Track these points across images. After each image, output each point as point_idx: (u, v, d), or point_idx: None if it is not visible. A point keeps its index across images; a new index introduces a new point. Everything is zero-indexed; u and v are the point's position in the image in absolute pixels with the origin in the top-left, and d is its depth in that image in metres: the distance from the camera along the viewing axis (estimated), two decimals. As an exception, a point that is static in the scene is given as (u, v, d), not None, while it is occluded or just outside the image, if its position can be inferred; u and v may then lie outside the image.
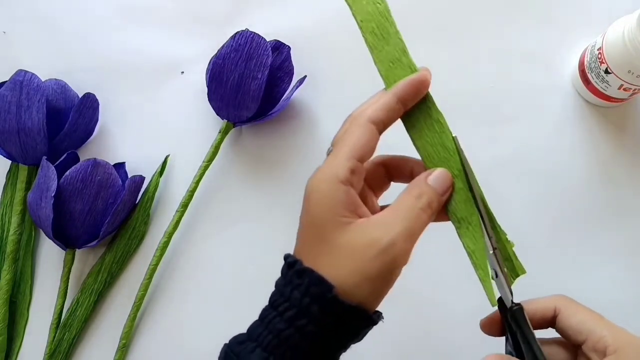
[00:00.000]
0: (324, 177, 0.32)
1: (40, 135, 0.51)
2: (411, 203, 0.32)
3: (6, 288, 0.52)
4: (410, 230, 0.31)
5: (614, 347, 0.32)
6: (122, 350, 0.51)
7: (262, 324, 0.32)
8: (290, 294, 0.31)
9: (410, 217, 0.31)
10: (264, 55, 0.51)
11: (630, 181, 0.54)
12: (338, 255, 0.31)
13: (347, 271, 0.30)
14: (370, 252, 0.30)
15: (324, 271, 0.30)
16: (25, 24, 0.60)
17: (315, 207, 0.32)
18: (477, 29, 0.58)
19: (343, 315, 0.30)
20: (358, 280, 0.30)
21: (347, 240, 0.31)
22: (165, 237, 0.52)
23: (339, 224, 0.31)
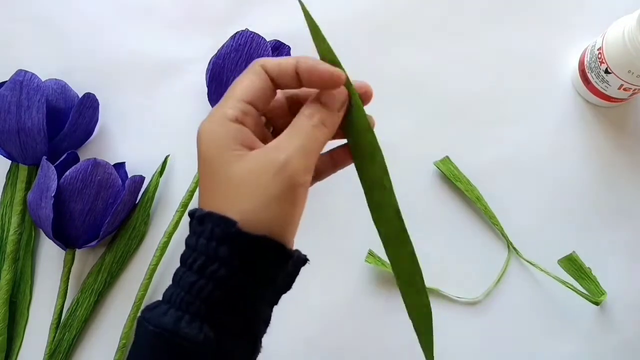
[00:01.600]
0: (212, 118, 0.31)
1: (40, 135, 0.51)
2: (303, 122, 0.31)
3: (6, 288, 0.52)
4: (305, 147, 0.30)
5: None
6: (122, 350, 0.51)
7: (174, 284, 0.30)
8: (196, 243, 0.30)
9: (303, 135, 0.30)
10: (264, 55, 0.51)
11: (630, 181, 0.54)
12: (234, 187, 0.29)
13: (245, 200, 0.29)
14: (266, 174, 0.29)
15: (224, 209, 0.29)
16: (25, 24, 0.60)
17: (205, 146, 0.31)
18: (477, 29, 0.58)
19: (252, 250, 0.29)
20: (258, 205, 0.29)
21: (241, 170, 0.29)
22: (165, 237, 0.52)
23: (230, 157, 0.30)
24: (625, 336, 0.51)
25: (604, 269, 0.52)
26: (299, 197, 0.30)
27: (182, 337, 0.28)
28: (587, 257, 0.52)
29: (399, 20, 0.59)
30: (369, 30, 0.58)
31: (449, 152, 0.55)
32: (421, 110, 0.56)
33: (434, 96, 0.57)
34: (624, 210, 0.53)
